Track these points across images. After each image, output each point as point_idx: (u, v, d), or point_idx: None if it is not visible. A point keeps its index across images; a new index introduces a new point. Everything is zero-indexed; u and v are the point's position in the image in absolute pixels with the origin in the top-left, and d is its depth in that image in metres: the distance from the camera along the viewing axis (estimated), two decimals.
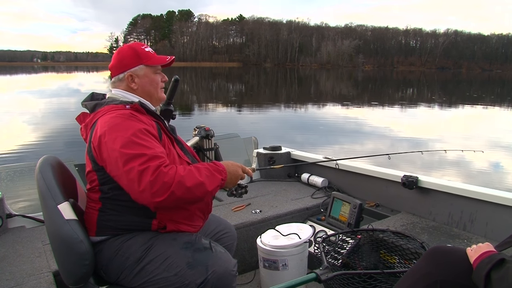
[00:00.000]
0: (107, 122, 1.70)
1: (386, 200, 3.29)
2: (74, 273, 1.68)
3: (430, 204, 3.01)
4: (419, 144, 10.56)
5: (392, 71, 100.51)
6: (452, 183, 2.92)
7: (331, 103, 22.63)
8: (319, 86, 40.16)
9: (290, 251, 2.52)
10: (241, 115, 17.37)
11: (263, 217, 3.06)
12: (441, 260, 1.55)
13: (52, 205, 1.69)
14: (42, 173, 1.75)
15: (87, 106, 1.90)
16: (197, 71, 76.26)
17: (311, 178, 3.83)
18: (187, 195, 1.64)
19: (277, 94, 29.52)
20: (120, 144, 1.63)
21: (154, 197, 1.57)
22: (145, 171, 1.58)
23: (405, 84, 47.50)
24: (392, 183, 3.21)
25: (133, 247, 1.75)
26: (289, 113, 18.37)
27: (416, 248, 2.18)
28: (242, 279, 2.86)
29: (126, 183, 1.62)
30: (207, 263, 1.73)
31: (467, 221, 2.78)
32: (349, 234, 2.45)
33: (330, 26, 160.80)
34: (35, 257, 2.37)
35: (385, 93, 32.55)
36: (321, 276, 1.80)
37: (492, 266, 1.42)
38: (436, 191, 2.97)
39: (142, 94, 1.93)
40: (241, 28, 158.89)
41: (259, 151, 4.17)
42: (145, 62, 1.92)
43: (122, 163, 1.60)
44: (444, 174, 7.68)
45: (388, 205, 3.27)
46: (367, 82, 49.74)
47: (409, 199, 3.11)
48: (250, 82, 45.75)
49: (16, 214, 2.85)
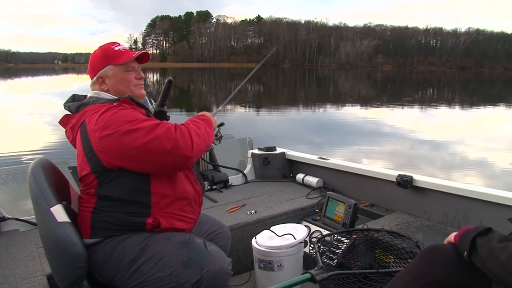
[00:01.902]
0: (101, 117, 1.70)
1: (381, 200, 3.28)
2: (68, 276, 1.68)
3: (425, 203, 3.00)
4: (439, 146, 10.44)
5: (412, 71, 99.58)
6: (447, 182, 2.91)
7: (349, 104, 22.51)
8: (338, 87, 39.99)
9: (285, 251, 2.52)
10: (258, 116, 17.38)
11: (258, 218, 3.06)
12: (436, 259, 1.54)
13: (45, 208, 1.68)
14: (35, 175, 1.75)
15: (70, 107, 1.90)
16: (216, 72, 76.58)
17: (306, 178, 3.81)
18: (203, 142, 1.80)
19: (295, 95, 29.48)
20: (130, 124, 1.67)
21: (186, 150, 1.68)
22: (167, 131, 1.66)
23: (425, 84, 46.97)
24: (387, 183, 3.20)
25: (128, 247, 1.75)
26: (307, 114, 18.33)
27: (411, 247, 2.18)
28: (237, 280, 2.86)
29: (153, 153, 1.66)
30: (202, 262, 1.73)
31: (462, 219, 2.78)
32: (344, 234, 2.45)
33: (349, 26, 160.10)
34: (28, 260, 2.37)
35: (404, 93, 32.23)
36: (316, 277, 1.81)
37: (478, 233, 1.45)
38: (430, 190, 2.96)
39: (115, 94, 1.92)
40: (259, 28, 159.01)
41: (254, 151, 4.16)
42: (113, 61, 1.90)
43: (143, 134, 1.64)
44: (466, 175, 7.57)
45: (383, 205, 3.26)
46: (386, 82, 49.38)
47: (404, 198, 3.11)
48: (268, 83, 45.75)
49: (10, 218, 2.85)
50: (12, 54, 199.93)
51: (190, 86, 41.99)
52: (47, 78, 60.20)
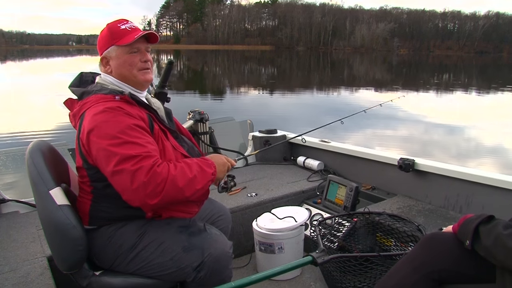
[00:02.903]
0: (94, 118, 1.62)
1: (383, 183, 3.28)
2: (68, 259, 1.67)
3: (427, 187, 2.98)
4: (454, 130, 10.32)
5: (428, 55, 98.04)
6: (449, 166, 2.90)
7: (364, 88, 22.29)
8: (352, 71, 39.59)
9: (286, 234, 2.51)
10: (272, 99, 17.31)
11: (259, 201, 3.06)
12: (437, 248, 1.53)
13: (44, 191, 1.66)
14: (33, 158, 1.73)
15: (74, 92, 1.82)
16: (229, 54, 76.20)
17: (307, 161, 3.80)
18: (179, 195, 1.61)
19: (309, 78, 29.27)
20: (110, 143, 1.57)
21: (148, 198, 1.54)
22: (138, 171, 1.53)
23: (442, 69, 46.30)
24: (389, 166, 3.19)
25: (126, 234, 1.73)
26: (321, 97, 18.21)
27: (412, 231, 2.18)
28: (238, 263, 2.85)
29: (118, 183, 1.57)
30: (203, 246, 1.72)
31: (463, 204, 2.76)
32: (345, 217, 2.45)
33: (365, 9, 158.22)
34: (29, 242, 2.38)
35: (420, 78, 31.80)
36: (317, 259, 1.79)
37: (481, 220, 1.43)
38: (432, 174, 2.95)
39: (118, 78, 1.80)
40: (274, 11, 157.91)
41: (255, 134, 4.14)
42: (117, 42, 1.76)
43: (114, 163, 1.55)
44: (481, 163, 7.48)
45: (385, 188, 3.26)
46: (401, 66, 48.73)
47: (406, 182, 3.09)
48: (282, 66, 45.49)
49: (10, 199, 2.86)
50: (27, 36, 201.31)
51: (204, 68, 41.89)
52: (61, 59, 60.50)
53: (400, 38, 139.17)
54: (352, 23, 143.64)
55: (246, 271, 2.78)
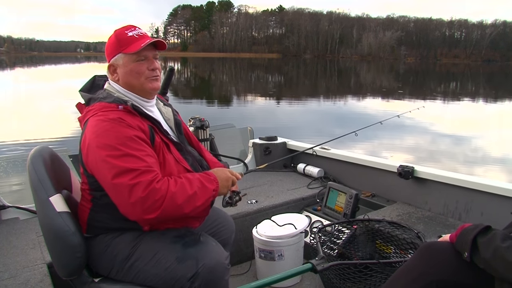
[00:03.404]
0: (94, 128, 1.61)
1: (382, 190, 3.28)
2: (67, 265, 1.68)
3: (426, 194, 2.99)
4: (461, 140, 10.27)
5: (435, 64, 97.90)
6: (448, 173, 2.90)
7: (371, 96, 22.27)
8: (359, 79, 39.57)
9: (286, 241, 2.52)
10: (279, 107, 17.31)
11: (259, 208, 3.05)
12: (435, 258, 1.52)
13: (44, 198, 1.67)
14: (34, 164, 1.73)
15: (83, 97, 1.82)
16: (237, 62, 76.40)
17: (307, 168, 3.80)
18: (177, 211, 1.60)
19: (316, 86, 29.28)
20: (109, 154, 1.56)
21: (145, 214, 1.54)
22: (136, 186, 1.52)
23: (449, 77, 46.17)
24: (388, 173, 3.19)
25: (121, 244, 1.72)
26: (328, 105, 18.20)
27: (412, 238, 2.17)
28: (238, 270, 2.86)
29: (115, 195, 1.57)
30: (197, 257, 1.67)
31: (462, 211, 2.77)
32: (345, 224, 2.44)
33: (372, 17, 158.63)
34: (29, 249, 2.37)
35: (427, 86, 31.72)
36: (317, 266, 1.80)
37: (479, 231, 1.42)
38: (431, 181, 2.95)
39: (125, 86, 1.78)
40: (281, 19, 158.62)
41: (255, 141, 4.14)
42: (124, 50, 1.73)
43: (112, 175, 1.54)
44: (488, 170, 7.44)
45: (384, 195, 3.26)
46: (408, 74, 48.64)
47: (405, 189, 3.09)
48: (289, 73, 45.54)
49: (10, 206, 2.86)
50: (36, 43, 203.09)
51: (211, 75, 42.03)
52: (69, 66, 60.96)
53: (407, 46, 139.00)
54: (359, 31, 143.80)
55: (246, 278, 2.78)
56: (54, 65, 62.94)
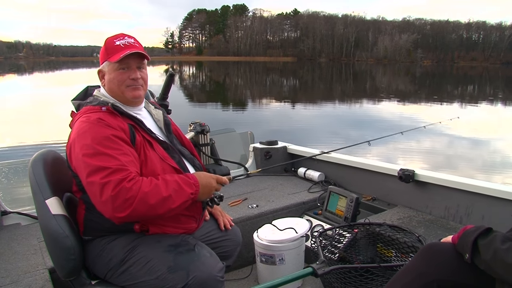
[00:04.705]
0: (76, 129, 1.68)
1: (383, 194, 3.27)
2: (64, 266, 1.72)
3: (427, 197, 2.98)
4: (479, 143, 10.14)
5: (452, 67, 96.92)
6: (449, 177, 2.89)
7: (386, 99, 22.12)
8: (375, 82, 39.36)
9: (287, 245, 2.51)
10: (294, 110, 17.29)
11: (260, 212, 3.05)
12: (436, 259, 1.53)
13: (41, 200, 1.72)
14: (34, 168, 1.78)
15: (73, 104, 1.88)
16: (251, 66, 76.58)
17: (307, 172, 3.79)
18: (150, 212, 1.60)
19: (331, 90, 29.20)
20: (84, 153, 1.60)
21: (116, 212, 1.55)
22: (106, 185, 1.54)
23: (466, 80, 45.68)
24: (389, 177, 3.18)
25: (116, 248, 1.74)
26: (343, 109, 18.12)
27: (413, 242, 2.17)
28: (239, 274, 2.87)
29: (90, 195, 1.61)
30: (188, 268, 1.67)
31: (463, 214, 2.76)
32: (345, 228, 2.44)
33: (387, 20, 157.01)
34: (30, 254, 2.39)
35: (444, 89, 31.43)
36: (318, 271, 1.80)
37: (480, 233, 1.43)
38: (432, 185, 2.94)
39: (109, 92, 1.85)
40: (296, 22, 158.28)
41: (255, 145, 4.14)
42: (109, 57, 1.81)
43: (86, 174, 1.58)
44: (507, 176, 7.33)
45: (385, 199, 3.25)
46: (425, 77, 48.25)
47: (406, 192, 3.09)
48: (304, 77, 45.48)
49: (11, 211, 2.87)
50: (53, 48, 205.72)
51: (226, 79, 42.17)
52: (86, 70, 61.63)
53: (424, 49, 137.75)
54: (374, 34, 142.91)
55: (247, 282, 2.79)
56: (71, 70, 63.80)
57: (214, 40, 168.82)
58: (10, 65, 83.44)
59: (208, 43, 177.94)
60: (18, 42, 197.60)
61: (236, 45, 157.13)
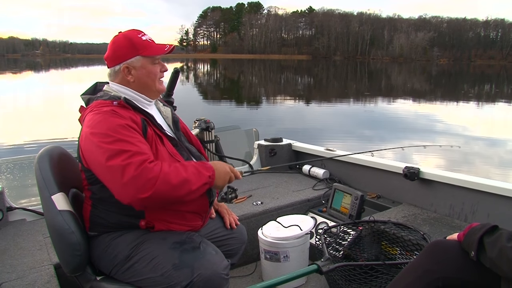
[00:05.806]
0: (89, 121, 1.67)
1: (388, 192, 3.27)
2: (69, 262, 1.72)
3: (432, 195, 2.97)
4: (495, 143, 9.99)
5: (469, 65, 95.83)
6: (454, 175, 2.88)
7: (402, 98, 21.95)
8: (390, 81, 39.07)
9: (291, 242, 2.51)
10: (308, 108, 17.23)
11: (264, 209, 3.05)
12: (441, 256, 1.52)
13: (47, 196, 1.72)
14: (39, 164, 1.78)
15: (83, 99, 1.88)
16: (266, 64, 76.55)
17: (312, 169, 3.78)
18: (172, 192, 1.59)
19: (346, 88, 29.05)
20: (102, 140, 1.60)
21: (138, 193, 1.53)
22: (128, 166, 1.54)
23: (483, 79, 45.10)
24: (394, 175, 3.17)
25: (121, 245, 1.74)
26: (358, 107, 18.01)
27: (417, 240, 2.17)
28: (243, 271, 2.87)
29: (109, 179, 1.59)
30: (193, 265, 1.68)
31: (469, 212, 2.75)
32: (350, 225, 2.44)
33: (403, 17, 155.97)
34: (36, 250, 2.39)
35: (460, 88, 31.08)
36: (323, 268, 1.80)
37: (485, 231, 1.43)
38: (437, 183, 2.93)
39: (139, 87, 1.85)
40: (311, 20, 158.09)
41: (260, 142, 4.13)
42: (142, 52, 1.81)
43: (105, 158, 1.56)
44: None
45: (390, 197, 3.24)
46: (441, 76, 47.78)
47: (411, 190, 3.08)
48: (319, 75, 45.34)
49: (17, 207, 2.88)
50: (69, 45, 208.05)
51: (240, 77, 42.21)
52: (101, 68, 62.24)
53: (440, 47, 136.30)
54: (390, 32, 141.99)
55: (252, 279, 2.79)
56: (86, 67, 64.38)
57: (229, 38, 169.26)
58: (27, 62, 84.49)
59: (222, 40, 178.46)
60: (35, 40, 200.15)
61: (250, 43, 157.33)
